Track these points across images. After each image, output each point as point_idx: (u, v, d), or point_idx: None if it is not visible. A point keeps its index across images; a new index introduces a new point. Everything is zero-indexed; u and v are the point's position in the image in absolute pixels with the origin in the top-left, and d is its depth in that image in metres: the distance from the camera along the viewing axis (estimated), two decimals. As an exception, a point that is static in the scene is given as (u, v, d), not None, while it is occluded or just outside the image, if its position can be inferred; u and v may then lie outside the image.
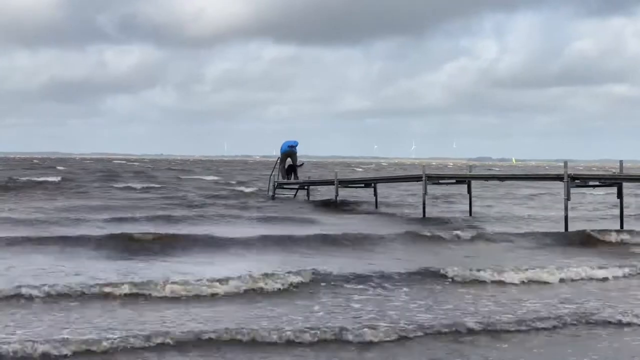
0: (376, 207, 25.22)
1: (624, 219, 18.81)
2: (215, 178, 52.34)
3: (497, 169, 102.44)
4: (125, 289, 9.44)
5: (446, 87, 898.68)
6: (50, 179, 41.00)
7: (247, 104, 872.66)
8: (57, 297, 9.10)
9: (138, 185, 38.21)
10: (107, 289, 9.42)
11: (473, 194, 23.65)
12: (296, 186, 28.34)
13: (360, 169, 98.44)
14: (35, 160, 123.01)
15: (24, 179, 41.12)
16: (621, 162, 18.54)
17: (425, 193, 21.91)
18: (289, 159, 28.07)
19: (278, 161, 28.41)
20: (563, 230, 17.61)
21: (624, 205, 19.23)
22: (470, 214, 22.61)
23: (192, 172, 74.83)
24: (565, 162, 18.12)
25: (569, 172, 17.57)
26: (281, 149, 28.10)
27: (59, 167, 75.17)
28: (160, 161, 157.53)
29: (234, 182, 44.65)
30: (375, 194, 25.80)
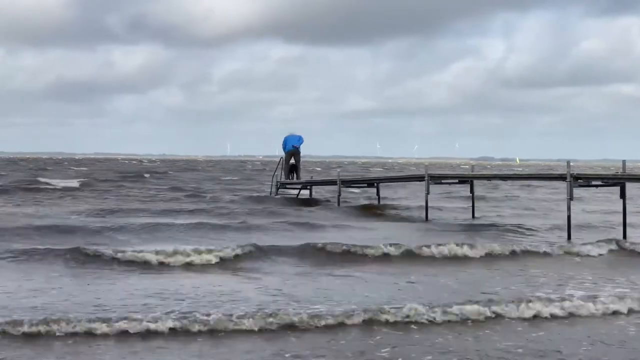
0: (378, 203, 25.27)
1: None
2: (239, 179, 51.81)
3: (520, 169, 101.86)
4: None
5: (454, 87, 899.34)
6: (71, 183, 40.18)
7: (253, 104, 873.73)
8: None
9: (166, 185, 37.68)
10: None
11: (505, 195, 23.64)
12: (298, 186, 28.27)
13: (379, 169, 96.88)
14: (49, 161, 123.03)
15: (57, 180, 40.50)
16: (624, 161, 18.47)
17: (427, 193, 21.89)
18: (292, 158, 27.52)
19: (282, 161, 27.87)
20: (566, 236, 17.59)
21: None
22: (473, 217, 22.54)
23: (209, 171, 73.98)
24: (568, 162, 18.08)
25: (571, 172, 17.57)
26: (283, 144, 27.36)
27: (77, 168, 74.47)
28: (168, 161, 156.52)
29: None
30: (378, 194, 25.81)
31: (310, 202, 26.85)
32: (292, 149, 27.11)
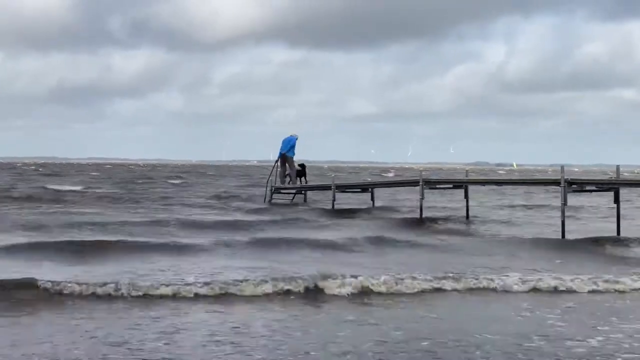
0: (373, 207, 25.21)
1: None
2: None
3: (536, 174, 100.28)
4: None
5: (457, 91, 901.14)
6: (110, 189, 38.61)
7: (255, 107, 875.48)
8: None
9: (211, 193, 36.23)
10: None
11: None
12: (293, 191, 28.22)
13: (391, 174, 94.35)
14: (48, 165, 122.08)
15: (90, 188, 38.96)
16: (618, 167, 18.57)
17: (422, 198, 21.88)
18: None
19: (277, 165, 27.68)
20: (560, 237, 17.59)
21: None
22: (467, 218, 22.58)
23: (225, 177, 71.05)
24: (562, 167, 18.18)
25: (565, 177, 17.60)
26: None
27: (94, 173, 72.96)
28: (174, 166, 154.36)
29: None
30: (373, 199, 25.80)
31: (337, 211, 25.02)
32: (280, 155, 26.87)
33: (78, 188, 39.43)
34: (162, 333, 7.96)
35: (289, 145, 26.64)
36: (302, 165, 27.90)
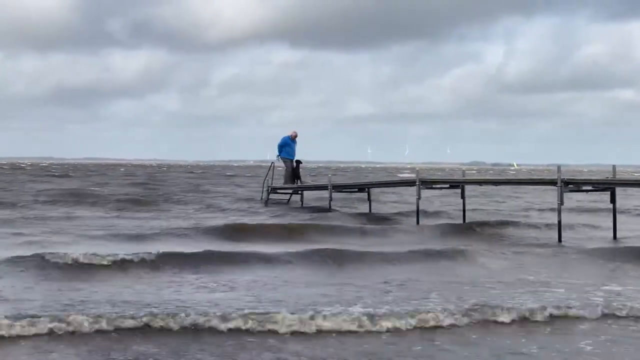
0: (369, 211, 25.15)
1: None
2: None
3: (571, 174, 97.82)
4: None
5: (457, 92, 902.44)
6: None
7: (254, 108, 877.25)
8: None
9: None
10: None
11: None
12: (290, 191, 28.21)
13: (409, 174, 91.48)
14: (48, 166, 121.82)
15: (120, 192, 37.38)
16: (614, 166, 18.56)
17: (419, 198, 21.83)
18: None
19: (272, 166, 27.65)
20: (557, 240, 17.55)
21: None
22: (464, 221, 22.48)
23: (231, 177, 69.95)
24: (559, 167, 18.12)
25: (562, 177, 17.57)
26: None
27: (110, 173, 72.10)
28: (180, 167, 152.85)
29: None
30: (369, 199, 25.77)
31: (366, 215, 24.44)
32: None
33: (101, 189, 39.06)
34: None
35: (278, 146, 26.63)
36: (295, 170, 27.43)
